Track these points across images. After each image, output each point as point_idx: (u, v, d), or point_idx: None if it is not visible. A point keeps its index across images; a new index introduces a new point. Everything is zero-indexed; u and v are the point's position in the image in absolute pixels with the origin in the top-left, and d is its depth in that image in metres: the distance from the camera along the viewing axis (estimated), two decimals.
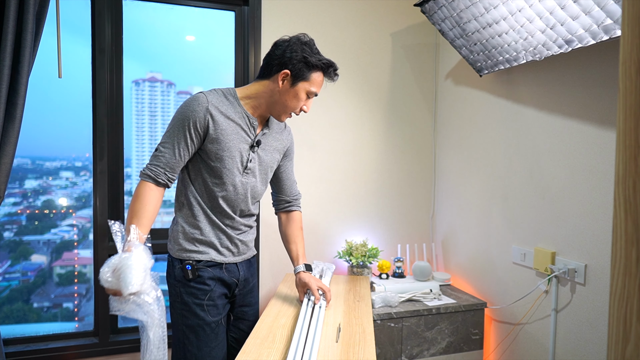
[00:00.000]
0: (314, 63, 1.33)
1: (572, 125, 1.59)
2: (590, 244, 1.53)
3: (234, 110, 1.34)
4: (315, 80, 1.36)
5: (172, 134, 1.29)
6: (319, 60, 1.34)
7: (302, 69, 1.32)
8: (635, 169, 0.46)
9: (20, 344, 1.88)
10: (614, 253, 0.49)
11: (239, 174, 1.37)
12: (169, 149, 1.29)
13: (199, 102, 1.29)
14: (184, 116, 1.28)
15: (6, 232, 1.96)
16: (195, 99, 1.30)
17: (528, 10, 1.49)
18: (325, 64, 1.35)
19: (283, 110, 1.37)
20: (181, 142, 1.28)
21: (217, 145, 1.31)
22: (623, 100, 0.49)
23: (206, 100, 1.30)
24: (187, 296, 1.34)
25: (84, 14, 1.89)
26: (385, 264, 2.16)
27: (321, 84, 1.39)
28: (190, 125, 1.28)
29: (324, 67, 1.36)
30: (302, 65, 1.32)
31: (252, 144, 1.39)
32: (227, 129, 1.32)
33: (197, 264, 1.35)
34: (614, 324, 0.48)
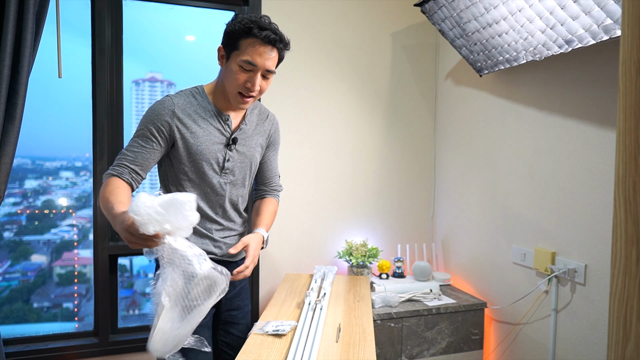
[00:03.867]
0: (236, 27, 1.18)
1: (572, 125, 1.59)
2: (590, 244, 1.53)
3: (203, 110, 1.28)
4: (248, 48, 1.19)
5: (136, 137, 1.24)
6: (239, 22, 1.18)
7: (228, 38, 1.21)
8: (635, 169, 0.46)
9: (20, 344, 1.88)
10: (614, 253, 0.49)
11: (217, 175, 1.31)
12: (131, 151, 1.22)
13: (164, 106, 1.23)
14: (149, 120, 1.23)
15: (6, 232, 1.96)
16: (160, 102, 1.25)
17: (528, 10, 1.49)
18: (248, 23, 1.17)
19: (229, 90, 1.25)
20: (146, 145, 1.22)
21: (188, 149, 1.26)
22: (623, 100, 0.49)
23: (172, 104, 1.24)
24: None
25: (84, 14, 1.89)
26: (385, 264, 2.16)
27: (257, 52, 1.19)
28: (154, 129, 1.22)
29: (247, 30, 1.17)
30: (230, 33, 1.20)
31: (227, 142, 1.31)
32: (197, 132, 1.26)
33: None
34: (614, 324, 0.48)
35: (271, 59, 1.22)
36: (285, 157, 2.14)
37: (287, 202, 2.17)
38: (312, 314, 1.42)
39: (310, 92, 2.19)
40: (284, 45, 1.24)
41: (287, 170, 2.15)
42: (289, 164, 2.15)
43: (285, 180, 2.15)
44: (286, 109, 2.14)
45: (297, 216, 2.19)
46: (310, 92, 2.19)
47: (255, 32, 1.17)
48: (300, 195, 2.20)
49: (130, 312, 2.14)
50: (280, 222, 2.16)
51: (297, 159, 2.18)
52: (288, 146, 2.14)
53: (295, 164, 2.18)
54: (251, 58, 1.19)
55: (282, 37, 1.22)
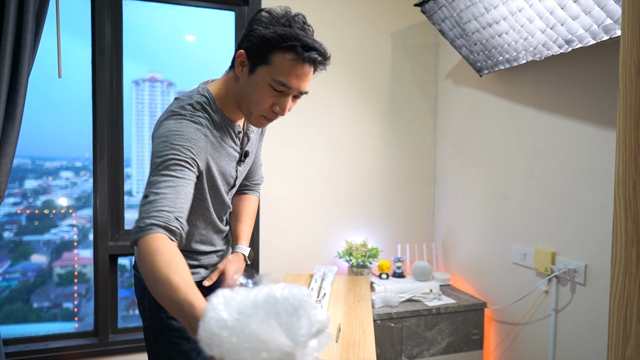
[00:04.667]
0: (270, 37, 0.91)
1: (572, 125, 1.59)
2: (590, 244, 1.53)
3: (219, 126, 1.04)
4: (282, 65, 0.93)
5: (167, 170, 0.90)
6: (275, 33, 0.91)
7: (257, 47, 0.93)
8: (635, 169, 0.47)
9: (20, 344, 1.88)
10: (614, 253, 0.49)
11: (226, 192, 1.16)
12: (169, 190, 0.87)
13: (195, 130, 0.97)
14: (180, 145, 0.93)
15: (6, 232, 1.96)
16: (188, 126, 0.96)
17: (528, 10, 1.49)
18: (287, 36, 0.91)
19: (248, 108, 1.01)
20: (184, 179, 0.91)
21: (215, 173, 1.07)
22: (623, 100, 0.49)
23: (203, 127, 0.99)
24: (178, 322, 1.10)
25: (84, 14, 1.89)
26: (385, 264, 2.16)
27: (294, 72, 0.94)
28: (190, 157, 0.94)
29: (283, 41, 0.91)
30: (259, 41, 0.93)
31: (239, 158, 1.14)
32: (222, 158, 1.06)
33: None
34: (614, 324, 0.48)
35: (308, 80, 0.99)
36: (285, 157, 2.14)
37: (287, 202, 2.17)
38: None
39: (310, 92, 2.18)
40: (326, 63, 1.00)
41: (287, 170, 2.15)
42: (289, 164, 2.15)
43: (285, 180, 2.15)
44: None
45: (297, 216, 2.19)
46: (310, 92, 2.18)
47: (298, 50, 0.92)
48: (301, 195, 2.20)
49: (130, 312, 2.14)
50: (281, 222, 2.17)
51: (297, 159, 2.18)
52: (288, 146, 2.14)
53: (295, 164, 2.18)
54: (286, 80, 0.95)
55: (327, 54, 0.98)
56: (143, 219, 0.82)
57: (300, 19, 0.97)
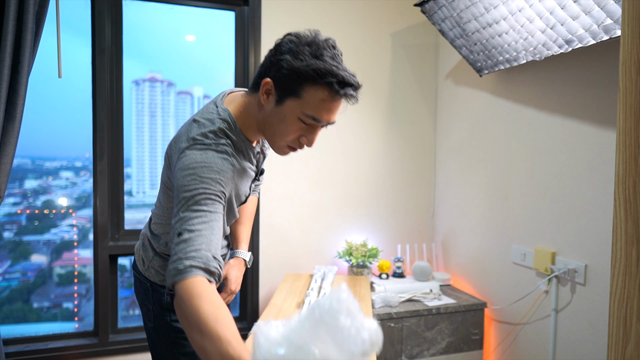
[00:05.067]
0: (301, 70, 0.87)
1: (572, 125, 1.59)
2: (590, 244, 1.53)
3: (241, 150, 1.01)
4: (314, 100, 0.89)
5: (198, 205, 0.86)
6: (308, 66, 0.87)
7: (287, 78, 0.89)
8: (635, 169, 0.46)
9: (20, 344, 1.88)
10: (614, 253, 0.49)
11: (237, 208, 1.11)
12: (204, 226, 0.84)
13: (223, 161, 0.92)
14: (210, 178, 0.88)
15: (6, 232, 1.96)
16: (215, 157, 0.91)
17: (528, 10, 1.49)
18: (321, 72, 0.87)
19: (273, 138, 0.98)
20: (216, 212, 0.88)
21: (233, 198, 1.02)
22: (623, 100, 0.49)
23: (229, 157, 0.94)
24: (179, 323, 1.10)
25: (84, 14, 1.89)
26: (385, 264, 2.16)
27: (326, 107, 0.91)
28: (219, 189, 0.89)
29: (318, 77, 0.87)
30: (290, 73, 0.89)
31: (256, 176, 1.12)
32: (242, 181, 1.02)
33: None
34: (614, 324, 0.48)
35: (338, 111, 0.95)
36: (285, 157, 2.14)
37: (287, 202, 2.17)
38: None
39: None
40: (358, 96, 0.95)
41: (287, 171, 2.15)
42: (289, 164, 2.15)
43: (285, 180, 2.15)
44: None
45: (297, 216, 2.19)
46: None
47: (333, 87, 0.88)
48: (301, 195, 2.20)
49: (130, 312, 2.14)
50: (281, 222, 2.17)
51: (297, 159, 2.18)
52: None
53: (295, 164, 2.18)
54: (317, 115, 0.91)
55: (360, 86, 0.94)
56: (181, 260, 0.79)
57: (330, 44, 0.92)
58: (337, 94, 0.89)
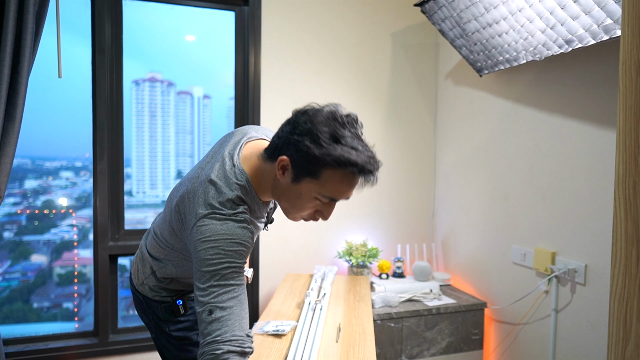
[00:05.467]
0: (319, 157, 0.86)
1: (572, 125, 1.59)
2: (590, 244, 1.53)
3: (257, 210, 1.01)
4: (330, 181, 0.89)
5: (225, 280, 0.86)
6: (328, 154, 0.85)
7: (304, 161, 0.88)
8: (635, 169, 0.46)
9: (20, 344, 1.88)
10: (614, 253, 0.49)
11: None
12: (234, 302, 0.85)
13: (244, 231, 0.91)
14: (233, 251, 0.88)
15: (6, 232, 1.96)
16: (237, 229, 0.89)
17: (528, 10, 1.49)
18: (341, 161, 0.86)
19: (287, 209, 0.98)
20: (241, 284, 0.88)
21: None
22: (623, 100, 0.49)
23: (249, 224, 0.93)
24: (183, 332, 1.16)
25: (84, 14, 1.89)
26: (385, 264, 2.16)
27: (344, 189, 0.92)
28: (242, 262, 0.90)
29: (337, 166, 0.87)
30: (304, 156, 0.87)
31: (265, 225, 1.13)
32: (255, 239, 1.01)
33: (188, 297, 1.17)
34: (614, 324, 0.48)
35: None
36: None
37: None
38: (312, 314, 1.42)
39: (311, 92, 2.19)
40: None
41: None
42: None
43: None
44: (286, 109, 2.14)
45: None
46: (311, 92, 2.19)
47: (354, 172, 0.89)
48: None
49: (130, 312, 2.14)
50: (281, 222, 2.16)
51: None
52: None
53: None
54: (335, 195, 0.91)
55: (379, 167, 0.97)
56: (219, 345, 0.81)
57: (351, 121, 0.91)
58: (352, 174, 0.89)
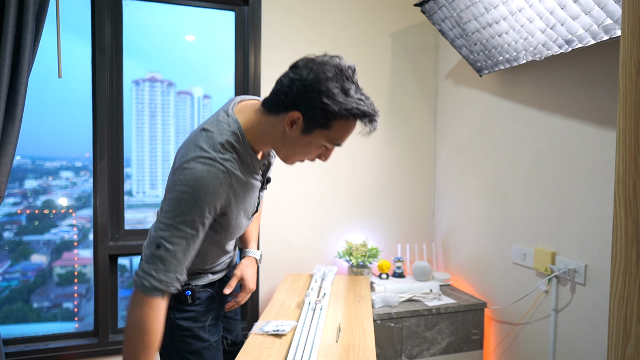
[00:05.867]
0: (336, 112, 0.94)
1: (572, 125, 1.59)
2: (590, 244, 1.53)
3: (246, 164, 1.04)
4: (339, 131, 0.98)
5: (185, 223, 0.93)
6: (345, 109, 0.94)
7: (319, 116, 0.95)
8: (635, 169, 0.46)
9: (20, 344, 1.88)
10: (614, 253, 0.49)
11: (248, 221, 1.17)
12: (180, 247, 0.93)
13: (221, 182, 0.96)
14: (203, 201, 0.94)
15: (6, 232, 1.96)
16: (214, 176, 0.95)
17: (528, 10, 1.49)
18: (355, 113, 0.95)
19: (289, 156, 1.06)
20: (196, 235, 0.96)
21: (232, 212, 1.06)
22: (623, 100, 0.49)
23: (229, 176, 0.97)
24: (187, 321, 1.19)
25: (84, 14, 1.89)
26: (385, 264, 2.16)
27: (349, 134, 1.00)
28: (210, 213, 0.96)
29: (352, 117, 0.96)
30: (321, 113, 0.94)
31: (262, 186, 1.17)
32: (243, 192, 1.05)
33: (196, 287, 1.20)
34: (614, 324, 0.48)
35: None
36: None
37: (287, 202, 2.17)
38: (312, 314, 1.42)
39: None
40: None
41: (287, 171, 2.15)
42: None
43: (285, 181, 2.15)
44: None
45: (297, 216, 2.19)
46: None
47: (364, 122, 0.98)
48: (301, 195, 2.20)
49: None
50: (281, 222, 2.16)
51: None
52: None
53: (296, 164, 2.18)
54: (341, 141, 1.01)
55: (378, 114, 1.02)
56: (150, 277, 0.92)
57: (352, 72, 0.96)
58: (362, 123, 0.98)
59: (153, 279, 0.92)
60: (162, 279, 0.92)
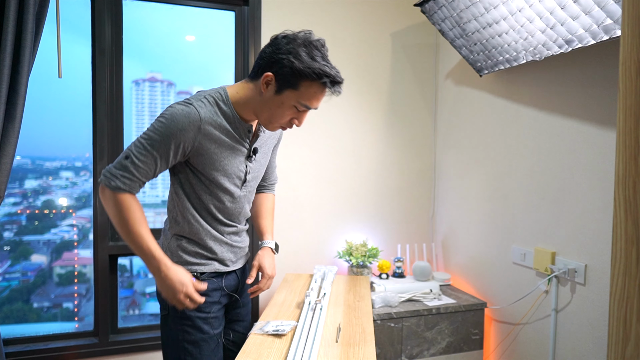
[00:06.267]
0: (302, 70, 1.08)
1: (572, 125, 1.59)
2: (590, 244, 1.53)
3: (228, 121, 1.17)
4: (307, 92, 1.11)
5: (153, 147, 1.10)
6: (308, 68, 1.07)
7: (288, 75, 1.09)
8: (635, 169, 0.46)
9: (20, 344, 1.88)
10: (614, 253, 0.49)
11: (238, 189, 1.26)
12: (146, 163, 1.11)
13: (190, 120, 1.10)
14: (171, 133, 1.09)
15: (6, 232, 1.96)
16: (185, 115, 1.10)
17: (528, 10, 1.49)
18: (319, 73, 1.08)
19: (268, 119, 1.18)
20: (161, 159, 1.12)
21: (210, 165, 1.18)
22: (623, 100, 0.49)
23: (199, 118, 1.11)
24: (189, 310, 1.22)
25: (84, 14, 1.89)
26: (385, 264, 2.16)
27: (317, 98, 1.13)
28: (174, 145, 1.11)
29: (317, 76, 1.08)
30: (289, 71, 1.09)
31: (248, 154, 1.25)
32: (220, 148, 1.17)
33: (201, 276, 1.26)
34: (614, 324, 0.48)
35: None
36: (285, 157, 2.14)
37: (287, 202, 2.17)
38: (312, 314, 1.42)
39: None
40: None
41: (287, 171, 2.15)
42: (289, 164, 2.16)
43: (285, 181, 2.15)
44: None
45: (297, 216, 2.19)
46: None
47: (327, 85, 1.11)
48: (301, 195, 2.20)
49: (130, 312, 2.14)
50: (281, 222, 2.16)
51: (297, 159, 2.18)
52: (288, 146, 2.14)
53: (296, 164, 2.18)
54: (310, 104, 1.14)
55: (343, 81, 1.16)
56: (116, 179, 1.10)
57: (321, 44, 1.13)
58: (325, 87, 1.13)
59: (119, 181, 1.10)
60: (126, 182, 1.11)
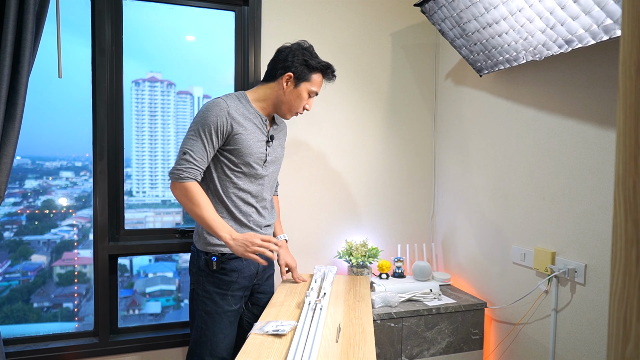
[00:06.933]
0: (314, 65, 1.55)
1: (572, 125, 1.59)
2: (590, 244, 1.53)
3: (248, 112, 1.52)
4: (316, 81, 1.58)
5: (197, 137, 1.43)
6: (318, 63, 1.56)
7: (303, 71, 1.53)
8: (635, 169, 0.46)
9: (20, 344, 1.88)
10: (614, 253, 0.49)
11: (261, 168, 1.55)
12: (199, 152, 1.43)
13: (221, 107, 1.45)
14: (208, 121, 1.43)
15: (6, 232, 1.96)
16: (216, 104, 1.45)
17: (528, 10, 1.49)
18: (324, 66, 1.58)
19: (288, 109, 1.58)
20: (207, 145, 1.44)
21: (240, 144, 1.48)
22: (623, 100, 0.48)
23: (226, 105, 1.46)
24: (210, 285, 1.51)
25: (84, 14, 1.89)
26: (385, 264, 2.16)
27: (321, 84, 1.61)
28: (213, 130, 1.43)
29: (322, 69, 1.58)
30: (304, 68, 1.53)
31: (267, 139, 1.58)
32: (247, 129, 1.50)
33: (221, 257, 1.50)
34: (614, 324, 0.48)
35: None
36: (285, 157, 2.14)
37: (287, 202, 2.17)
38: (312, 314, 1.42)
39: None
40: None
41: (287, 171, 2.15)
42: (289, 164, 2.15)
43: (285, 181, 2.15)
44: None
45: (297, 216, 2.19)
46: None
47: (329, 74, 1.60)
48: (301, 195, 2.20)
49: (130, 312, 2.14)
50: (281, 222, 2.16)
51: (297, 159, 2.18)
52: (288, 146, 2.14)
53: (296, 164, 2.18)
54: (317, 90, 1.59)
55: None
56: (182, 172, 1.42)
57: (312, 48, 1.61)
58: (326, 77, 1.62)
59: (185, 172, 1.41)
60: (190, 171, 1.42)
